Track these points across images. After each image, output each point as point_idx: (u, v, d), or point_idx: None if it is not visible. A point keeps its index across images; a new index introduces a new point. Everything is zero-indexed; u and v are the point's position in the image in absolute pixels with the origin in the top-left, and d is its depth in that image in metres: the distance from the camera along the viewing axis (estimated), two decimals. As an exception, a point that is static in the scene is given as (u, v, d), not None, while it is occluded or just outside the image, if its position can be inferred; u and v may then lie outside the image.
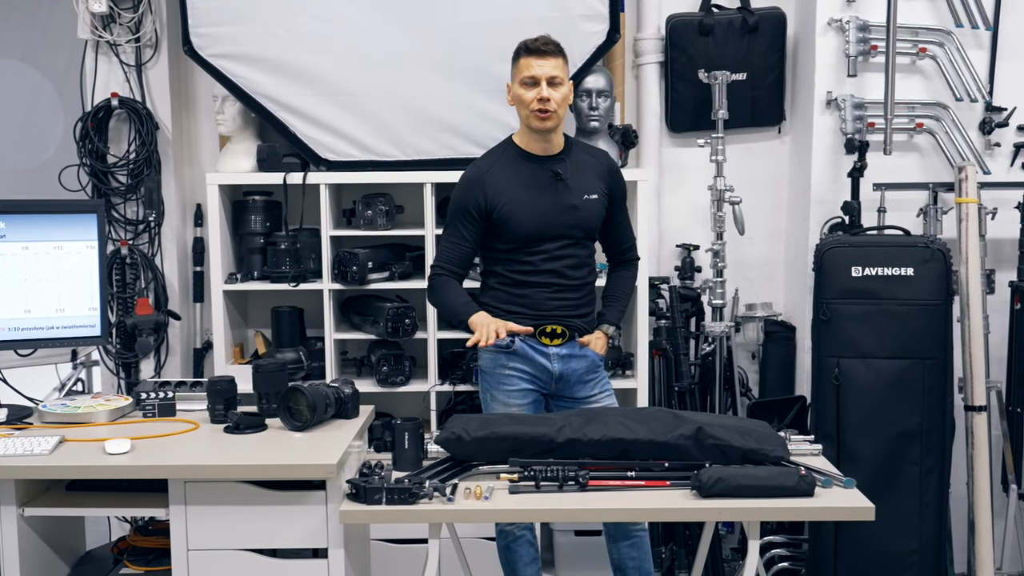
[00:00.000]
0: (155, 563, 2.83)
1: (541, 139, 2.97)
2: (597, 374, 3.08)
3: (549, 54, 2.90)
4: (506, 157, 3.02)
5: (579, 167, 3.01)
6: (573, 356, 3.02)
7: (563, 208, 2.96)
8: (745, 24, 3.90)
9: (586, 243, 3.05)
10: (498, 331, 2.80)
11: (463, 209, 2.97)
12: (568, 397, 3.05)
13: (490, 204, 2.94)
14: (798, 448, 2.69)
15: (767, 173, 4.09)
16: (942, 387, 3.43)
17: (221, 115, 3.79)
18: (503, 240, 2.97)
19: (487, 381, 3.07)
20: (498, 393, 3.03)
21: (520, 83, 2.92)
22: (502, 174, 2.98)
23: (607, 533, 3.09)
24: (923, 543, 3.43)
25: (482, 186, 2.96)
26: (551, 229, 2.96)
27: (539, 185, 2.97)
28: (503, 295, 3.01)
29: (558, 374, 3.01)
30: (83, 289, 2.95)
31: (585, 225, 3.01)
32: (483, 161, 3.06)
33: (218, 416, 2.81)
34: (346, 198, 3.88)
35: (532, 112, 2.90)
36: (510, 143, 3.05)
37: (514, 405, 3.00)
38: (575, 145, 3.08)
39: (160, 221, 3.88)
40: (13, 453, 2.51)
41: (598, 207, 3.02)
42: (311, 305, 3.80)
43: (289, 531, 2.53)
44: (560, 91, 2.91)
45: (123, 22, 3.79)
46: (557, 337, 3.00)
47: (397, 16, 3.63)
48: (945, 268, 3.43)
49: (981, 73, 3.76)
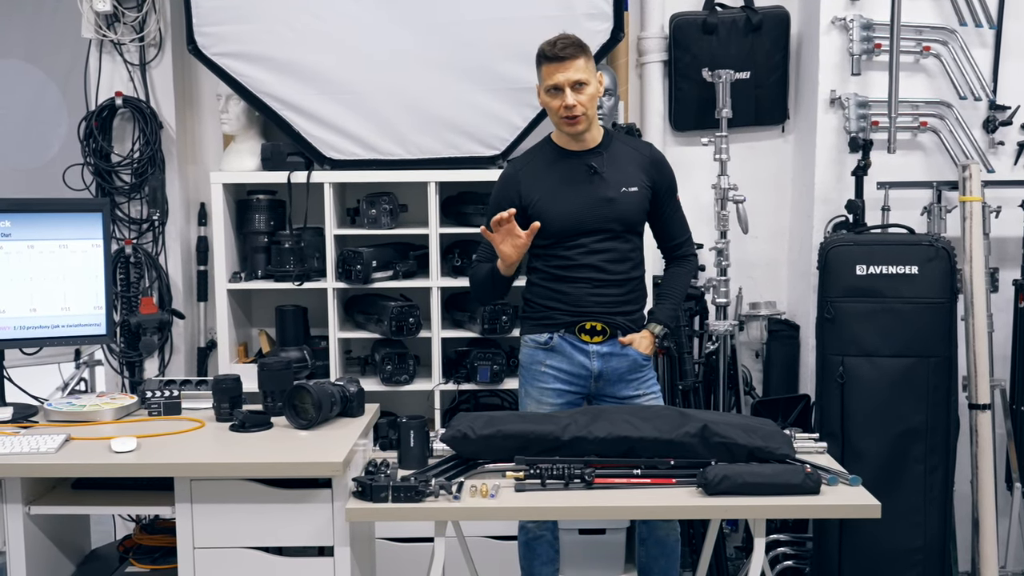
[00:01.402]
0: (161, 561, 2.83)
1: (575, 136, 2.96)
2: (641, 374, 3.02)
3: (569, 58, 2.85)
4: (542, 154, 3.03)
5: (618, 160, 2.98)
6: (614, 354, 2.98)
7: (598, 201, 2.93)
8: (749, 23, 3.91)
9: (628, 237, 2.98)
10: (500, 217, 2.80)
11: (498, 206, 2.97)
12: (610, 396, 3.01)
13: (524, 201, 2.95)
14: (803, 446, 2.69)
15: (771, 172, 4.10)
16: (946, 385, 3.43)
17: (225, 114, 3.79)
18: (540, 236, 2.93)
19: (524, 376, 3.06)
20: (532, 390, 3.02)
21: (545, 91, 2.91)
22: (536, 171, 2.99)
23: (638, 536, 3.09)
24: (927, 541, 3.43)
25: (516, 183, 2.98)
26: (586, 223, 2.93)
27: (573, 180, 2.95)
28: (543, 291, 3.01)
29: (597, 372, 2.98)
30: (88, 288, 2.95)
31: (624, 218, 2.95)
32: (519, 158, 3.08)
33: (224, 414, 2.81)
34: (350, 197, 3.89)
35: (561, 119, 2.90)
36: (547, 140, 3.05)
37: (546, 404, 2.99)
38: (615, 138, 3.05)
39: (164, 220, 3.89)
40: (19, 451, 2.51)
41: (638, 199, 2.97)
42: (315, 304, 3.80)
43: (295, 529, 2.53)
44: (586, 91, 2.88)
45: (127, 21, 3.79)
46: (597, 334, 2.96)
47: (401, 15, 3.62)
48: (949, 266, 3.43)
49: (985, 72, 3.76)
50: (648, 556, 3.07)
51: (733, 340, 3.88)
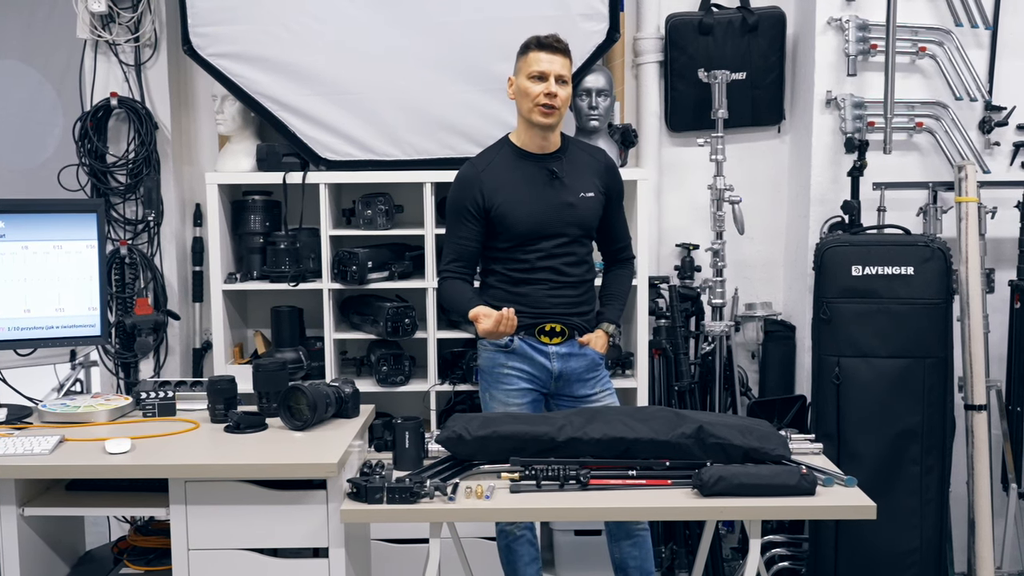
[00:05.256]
0: (155, 563, 2.83)
1: (539, 136, 2.97)
2: (597, 373, 3.08)
3: (560, 52, 2.92)
4: (502, 155, 3.03)
5: (576, 165, 3.02)
6: (572, 355, 3.02)
7: (560, 206, 2.97)
8: (745, 23, 3.91)
9: (584, 241, 3.05)
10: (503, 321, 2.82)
11: (461, 208, 2.98)
12: (568, 396, 3.05)
13: (487, 202, 2.95)
14: (799, 447, 2.69)
15: (767, 172, 4.10)
16: (942, 386, 3.43)
17: (220, 115, 3.78)
18: (501, 238, 2.98)
19: (486, 380, 3.07)
20: (497, 392, 3.03)
21: (527, 76, 2.93)
22: (498, 172, 2.99)
23: (608, 532, 3.09)
24: (923, 542, 3.43)
25: (479, 184, 2.97)
26: (548, 227, 2.97)
27: (536, 183, 2.97)
28: (502, 293, 3.01)
29: (557, 373, 3.01)
30: (83, 289, 2.95)
31: (582, 223, 3.01)
32: (478, 159, 3.07)
33: (218, 416, 2.81)
34: (346, 198, 3.88)
35: (537, 106, 2.91)
36: (506, 141, 3.06)
37: (513, 404, 3.01)
38: (572, 143, 3.09)
39: (159, 221, 3.88)
40: (13, 453, 2.51)
41: (595, 205, 3.02)
42: (311, 305, 3.80)
43: (290, 531, 2.53)
44: (565, 90, 2.93)
45: (122, 22, 3.78)
46: (556, 336, 3.00)
47: (397, 15, 3.62)
48: (945, 267, 3.43)
49: (981, 72, 3.77)
50: (621, 552, 3.07)
51: (729, 341, 3.88)
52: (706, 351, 3.88)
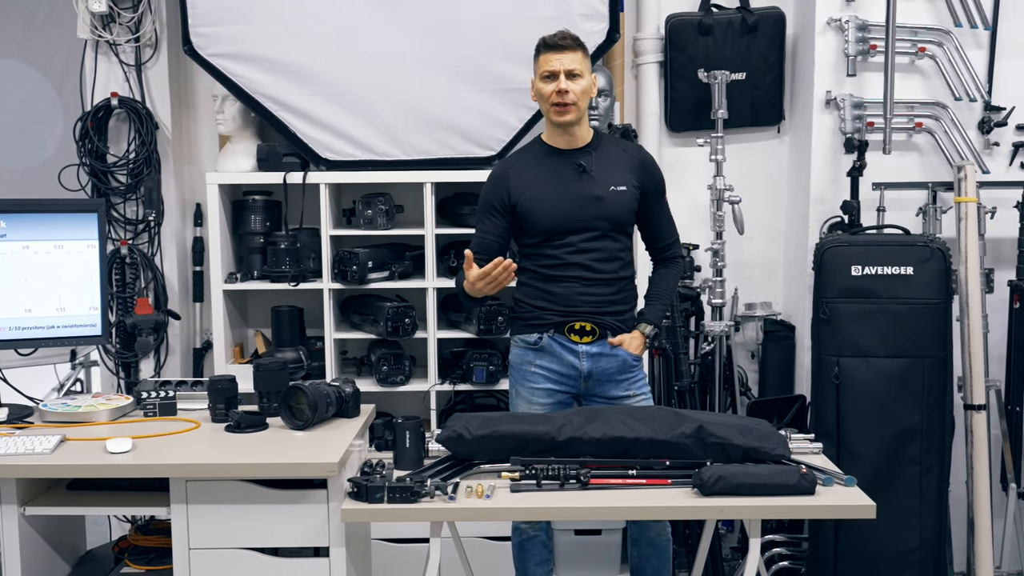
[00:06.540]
0: (156, 562, 2.83)
1: (564, 133, 2.97)
2: (631, 374, 3.02)
3: (567, 48, 2.90)
4: (531, 153, 3.04)
5: (607, 159, 2.99)
6: (603, 355, 2.98)
7: (586, 199, 2.94)
8: (744, 24, 3.91)
9: (616, 236, 2.99)
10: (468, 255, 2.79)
11: (488, 204, 3.00)
12: (600, 397, 3.01)
13: (513, 198, 2.96)
14: (799, 447, 2.69)
15: (766, 172, 4.10)
16: (942, 386, 3.43)
17: (221, 115, 3.79)
18: (529, 234, 2.97)
19: (514, 377, 3.07)
20: (522, 390, 3.03)
21: (540, 78, 2.93)
22: (525, 169, 3.00)
23: (630, 537, 3.09)
24: (923, 541, 3.44)
25: (505, 181, 2.99)
26: (574, 220, 2.94)
27: (562, 177, 2.96)
28: (533, 290, 3.01)
29: (587, 372, 2.98)
30: (83, 288, 2.95)
31: (612, 216, 2.96)
32: (509, 159, 3.10)
33: (219, 415, 2.81)
34: (346, 198, 3.88)
35: (551, 106, 2.91)
36: (538, 140, 3.06)
37: (537, 404, 2.99)
38: (605, 139, 3.07)
39: (160, 221, 3.88)
40: (14, 452, 2.51)
41: (627, 199, 2.97)
42: (311, 305, 3.80)
43: (290, 530, 2.53)
44: (580, 83, 2.90)
45: (123, 22, 3.78)
46: (586, 335, 2.97)
47: (397, 15, 3.62)
48: (944, 267, 3.43)
49: (980, 72, 3.77)
50: (640, 557, 3.08)
51: (729, 341, 3.88)
52: (706, 351, 3.89)
